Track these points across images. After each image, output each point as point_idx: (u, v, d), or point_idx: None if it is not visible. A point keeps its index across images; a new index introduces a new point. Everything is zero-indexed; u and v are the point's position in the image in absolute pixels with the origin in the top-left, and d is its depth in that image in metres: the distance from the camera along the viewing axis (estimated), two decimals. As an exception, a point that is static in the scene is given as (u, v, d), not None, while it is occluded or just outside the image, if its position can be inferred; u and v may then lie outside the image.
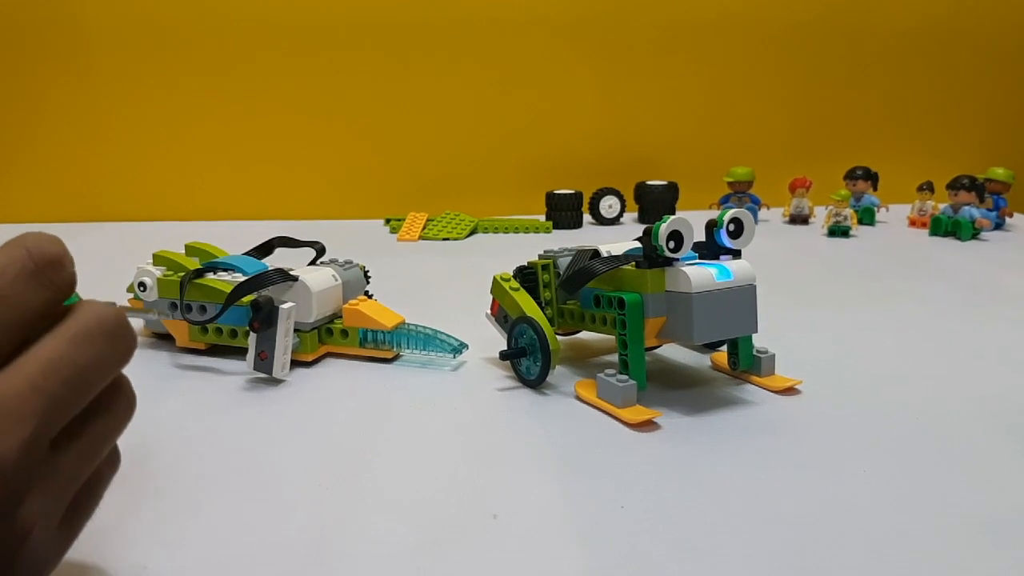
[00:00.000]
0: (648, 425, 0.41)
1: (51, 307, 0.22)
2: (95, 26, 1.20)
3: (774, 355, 0.48)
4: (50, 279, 0.22)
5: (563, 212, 1.12)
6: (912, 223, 1.11)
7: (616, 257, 0.45)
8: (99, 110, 1.22)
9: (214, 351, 0.54)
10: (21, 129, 1.22)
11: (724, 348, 0.50)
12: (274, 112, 1.25)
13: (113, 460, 0.27)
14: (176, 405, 0.45)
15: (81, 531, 0.26)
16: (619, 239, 0.51)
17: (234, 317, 0.51)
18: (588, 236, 1.08)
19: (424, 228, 1.07)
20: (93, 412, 0.23)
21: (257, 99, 1.25)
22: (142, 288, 0.54)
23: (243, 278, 0.50)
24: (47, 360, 0.21)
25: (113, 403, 0.24)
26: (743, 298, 0.43)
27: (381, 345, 0.52)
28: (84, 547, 0.30)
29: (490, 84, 1.29)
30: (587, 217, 1.17)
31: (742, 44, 1.33)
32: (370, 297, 0.56)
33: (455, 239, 1.04)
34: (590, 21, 1.29)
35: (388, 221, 1.14)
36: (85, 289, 0.29)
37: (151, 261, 0.55)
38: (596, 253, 0.47)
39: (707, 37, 1.32)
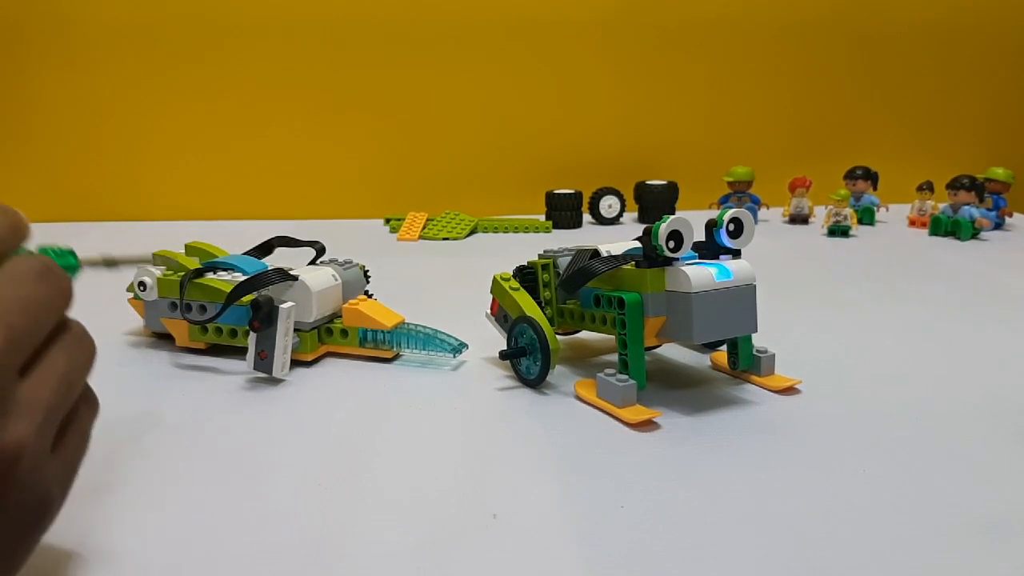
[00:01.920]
0: (648, 425, 0.41)
1: None
2: (95, 25, 1.20)
3: (774, 355, 0.48)
4: None
5: (563, 212, 1.12)
6: (912, 223, 1.11)
7: (616, 257, 0.45)
8: (99, 110, 1.22)
9: (214, 351, 0.54)
10: (21, 129, 1.22)
11: (724, 348, 0.50)
12: (274, 112, 1.25)
13: (90, 402, 0.28)
14: (176, 405, 0.45)
15: (77, 466, 0.26)
16: (619, 239, 0.51)
17: (234, 317, 0.51)
18: (588, 236, 1.08)
19: (424, 228, 1.07)
20: (52, 344, 0.25)
21: (257, 99, 1.25)
22: (142, 288, 0.54)
23: (243, 278, 0.50)
24: None
25: (70, 340, 0.26)
26: (743, 298, 0.43)
27: (381, 345, 0.52)
28: (83, 545, 0.30)
29: (490, 84, 1.28)
30: (587, 217, 1.17)
31: (742, 44, 1.33)
32: (370, 297, 0.56)
33: (455, 239, 1.04)
34: (590, 22, 1.29)
35: (388, 221, 1.14)
36: (85, 289, 0.29)
37: (151, 261, 0.55)
38: (596, 253, 0.47)
39: (707, 37, 1.32)
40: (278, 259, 0.57)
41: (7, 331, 0.22)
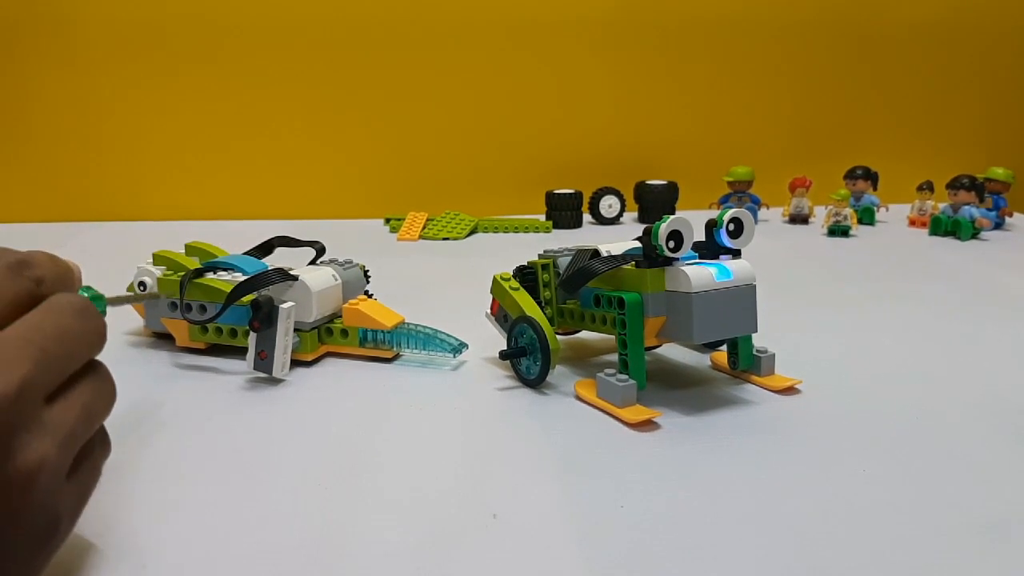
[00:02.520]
0: (648, 425, 0.41)
1: (31, 297, 0.26)
2: (95, 25, 1.20)
3: (774, 355, 0.48)
4: (20, 272, 0.26)
5: (563, 212, 1.12)
6: (912, 223, 1.11)
7: (616, 257, 0.45)
8: (99, 109, 1.22)
9: (214, 351, 0.54)
10: (21, 129, 1.22)
11: (724, 348, 0.50)
12: (274, 112, 1.25)
13: (105, 443, 0.29)
14: (176, 404, 0.45)
15: (87, 496, 0.27)
16: (619, 239, 0.51)
17: (234, 317, 0.51)
18: (588, 236, 1.08)
19: (424, 228, 1.07)
20: (80, 379, 0.26)
21: (257, 99, 1.25)
22: (142, 288, 0.54)
23: (243, 278, 0.50)
24: (32, 322, 0.25)
25: (96, 379, 0.27)
26: (743, 298, 0.43)
27: (381, 345, 0.52)
28: (83, 545, 0.30)
29: (490, 84, 1.28)
30: (587, 217, 1.17)
31: (742, 44, 1.33)
32: (370, 297, 0.56)
33: (455, 239, 1.04)
34: (590, 21, 1.29)
35: (388, 221, 1.14)
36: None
37: (151, 261, 0.55)
38: (596, 253, 0.47)
39: (707, 37, 1.32)
40: (278, 259, 0.57)
41: (40, 354, 0.24)
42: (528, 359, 0.47)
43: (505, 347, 0.48)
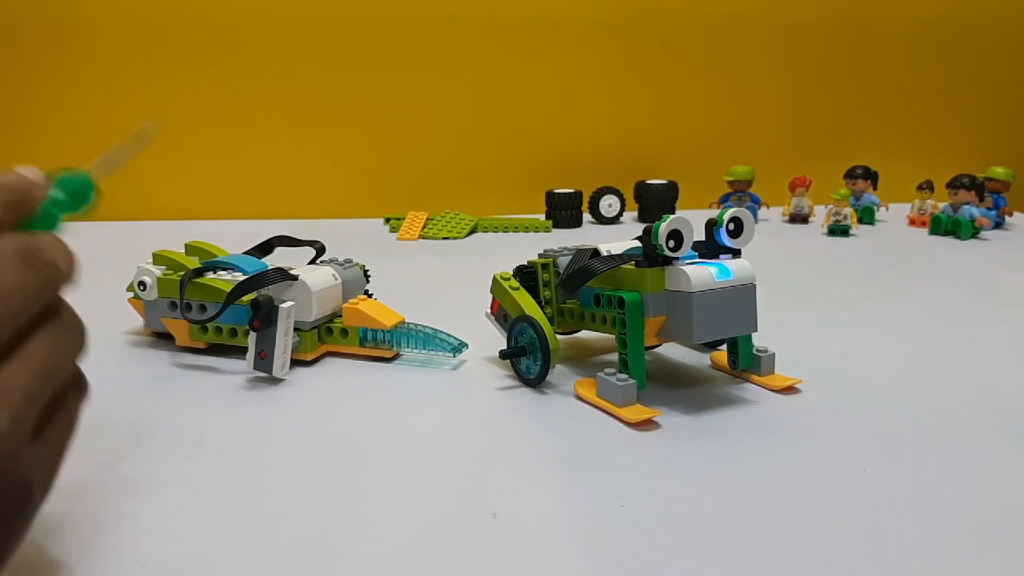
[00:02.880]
0: (648, 424, 0.41)
1: None
2: (95, 25, 1.20)
3: (774, 354, 0.48)
4: None
5: (563, 211, 1.12)
6: (912, 222, 1.11)
7: (616, 256, 0.45)
8: (98, 109, 1.22)
9: (214, 350, 0.54)
10: (20, 128, 1.22)
11: (724, 347, 0.50)
12: (274, 111, 1.25)
13: (80, 386, 0.27)
14: (176, 404, 0.45)
15: (64, 451, 0.26)
16: (619, 238, 0.51)
17: (234, 316, 0.51)
18: (588, 235, 1.08)
19: (424, 227, 1.07)
20: (34, 330, 0.24)
21: (257, 98, 1.25)
22: (142, 287, 0.54)
23: (243, 277, 0.50)
24: None
25: (55, 325, 0.25)
26: (743, 297, 0.43)
27: (381, 344, 0.52)
28: (83, 545, 0.30)
29: (490, 83, 1.28)
30: (587, 216, 1.17)
31: (742, 43, 1.33)
32: (370, 296, 0.56)
33: (455, 238, 1.04)
34: (590, 21, 1.29)
35: (388, 220, 1.14)
36: (85, 288, 0.29)
37: (151, 260, 0.55)
38: (596, 252, 0.47)
39: (707, 36, 1.32)
40: (278, 259, 0.57)
41: None
42: (528, 359, 0.47)
43: (505, 347, 0.48)
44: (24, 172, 0.26)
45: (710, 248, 0.44)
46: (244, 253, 0.56)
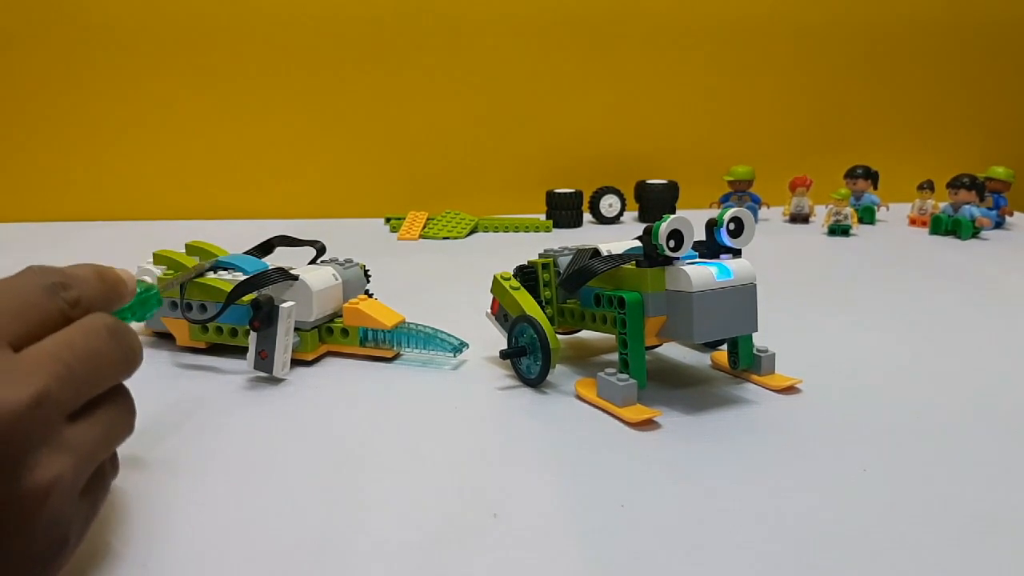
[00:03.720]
0: (648, 424, 0.41)
1: (64, 318, 0.26)
2: (95, 26, 1.20)
3: (774, 354, 0.48)
4: (57, 293, 0.26)
5: (563, 211, 1.12)
6: (912, 222, 1.11)
7: (616, 256, 0.45)
8: (99, 110, 1.22)
9: (214, 350, 0.54)
10: (21, 128, 1.22)
11: (724, 347, 0.50)
12: (274, 112, 1.25)
13: (114, 463, 0.29)
14: (176, 404, 0.45)
15: (94, 518, 0.27)
16: (619, 238, 0.51)
17: (234, 316, 0.51)
18: (588, 235, 1.08)
19: (424, 227, 1.07)
20: (105, 401, 0.26)
21: (257, 99, 1.25)
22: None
23: (243, 277, 0.50)
24: (62, 338, 0.25)
25: (120, 402, 0.27)
26: (743, 297, 0.43)
27: (381, 344, 0.52)
28: (83, 545, 0.30)
29: (490, 83, 1.29)
30: (587, 216, 1.17)
31: (742, 43, 1.33)
32: (370, 296, 0.56)
33: (455, 238, 1.04)
34: (590, 20, 1.29)
35: (388, 220, 1.14)
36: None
37: (151, 260, 0.55)
38: (596, 252, 0.47)
39: (707, 36, 1.32)
40: (278, 259, 0.57)
41: (65, 371, 0.24)
42: (528, 358, 0.47)
43: (505, 346, 0.48)
44: (122, 274, 0.30)
45: (710, 248, 0.44)
46: (244, 253, 0.56)
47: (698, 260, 0.43)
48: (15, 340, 0.24)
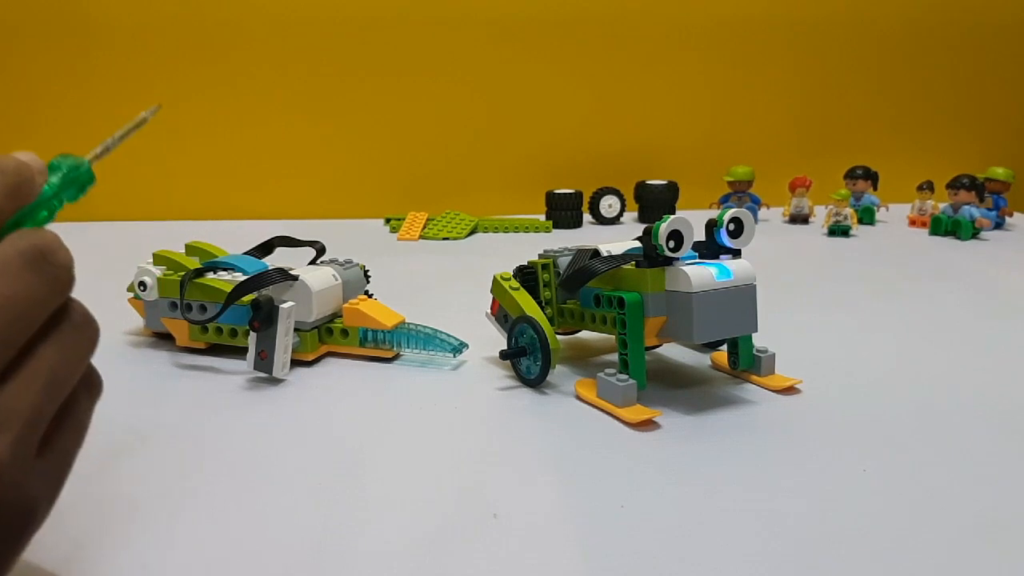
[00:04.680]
0: (648, 424, 0.41)
1: None
2: (96, 26, 1.20)
3: (774, 354, 0.48)
4: None
5: (563, 211, 1.12)
6: (912, 222, 1.11)
7: (616, 256, 0.45)
8: (98, 110, 1.22)
9: (214, 350, 0.54)
10: (21, 128, 1.22)
11: (724, 347, 0.50)
12: (274, 112, 1.25)
13: (92, 386, 0.25)
14: (176, 404, 0.45)
15: (72, 460, 0.25)
16: (619, 238, 0.51)
17: (234, 316, 0.51)
18: (588, 236, 1.08)
19: (424, 227, 1.07)
20: (41, 339, 0.22)
21: (257, 99, 1.25)
22: (142, 288, 0.54)
23: (243, 277, 0.50)
24: None
25: (64, 330, 0.23)
26: (743, 297, 0.43)
27: (381, 344, 0.52)
28: (81, 545, 0.30)
29: (490, 83, 1.29)
30: (587, 216, 1.17)
31: (742, 43, 1.33)
32: (370, 296, 0.56)
33: (455, 238, 1.04)
34: (590, 20, 1.29)
35: (388, 220, 1.14)
36: (85, 288, 0.29)
37: (151, 260, 0.55)
38: (596, 252, 0.47)
39: (707, 37, 1.32)
40: (278, 259, 0.57)
41: None
42: (528, 359, 0.47)
43: (505, 347, 0.48)
44: (22, 157, 0.24)
45: (710, 248, 0.44)
46: (244, 253, 0.56)
47: (698, 260, 0.43)
48: None
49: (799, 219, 1.14)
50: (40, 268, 0.22)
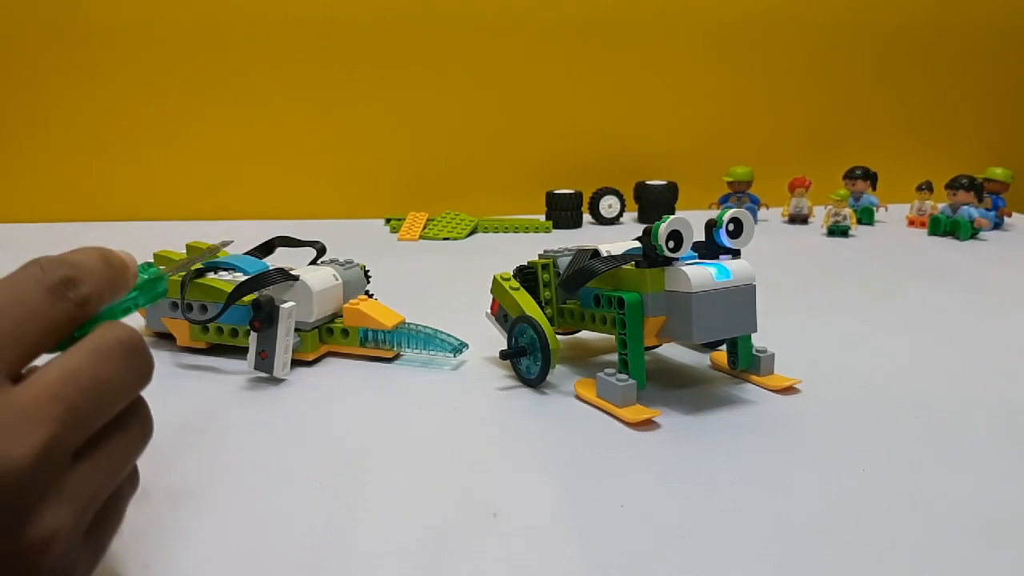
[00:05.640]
0: (648, 424, 0.41)
1: (71, 322, 0.24)
2: (96, 27, 1.20)
3: (773, 354, 0.48)
4: (64, 293, 0.23)
5: (563, 212, 1.12)
6: (911, 223, 1.11)
7: (616, 257, 0.45)
8: (99, 110, 1.22)
9: (215, 350, 0.54)
10: (22, 129, 1.22)
11: (724, 347, 0.50)
12: (274, 112, 1.25)
13: (133, 479, 0.27)
14: (176, 404, 0.45)
15: (108, 547, 0.25)
16: (619, 239, 0.51)
17: (235, 316, 0.51)
18: (588, 236, 1.08)
19: (424, 228, 1.07)
20: (113, 429, 0.24)
21: (257, 99, 1.25)
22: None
23: (244, 277, 0.51)
24: (67, 370, 0.22)
25: (131, 423, 0.25)
26: (742, 298, 0.43)
27: (382, 344, 0.52)
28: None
29: (491, 84, 1.29)
30: (587, 217, 1.17)
31: (742, 44, 1.33)
32: (371, 296, 0.56)
33: (455, 239, 1.04)
34: (591, 21, 1.29)
35: (388, 221, 1.14)
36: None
37: (151, 260, 0.55)
38: (596, 253, 0.47)
39: (707, 37, 1.32)
40: (279, 259, 0.57)
41: (68, 412, 0.21)
42: (528, 359, 0.47)
43: (505, 347, 0.48)
44: (125, 257, 0.27)
45: (710, 248, 0.44)
46: (244, 254, 0.56)
47: (697, 261, 0.44)
48: (13, 366, 0.22)
49: (798, 219, 1.14)
50: (133, 358, 0.24)
